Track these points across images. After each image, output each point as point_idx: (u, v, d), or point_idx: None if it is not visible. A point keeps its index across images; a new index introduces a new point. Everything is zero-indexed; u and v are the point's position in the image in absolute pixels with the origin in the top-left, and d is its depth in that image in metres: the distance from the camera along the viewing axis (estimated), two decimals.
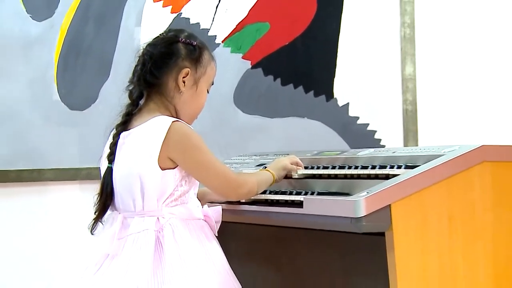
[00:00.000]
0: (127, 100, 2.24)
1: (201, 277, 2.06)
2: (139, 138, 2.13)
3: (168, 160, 2.09)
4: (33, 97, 3.43)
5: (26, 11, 3.42)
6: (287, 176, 2.33)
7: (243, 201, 2.26)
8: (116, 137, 2.18)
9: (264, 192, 2.26)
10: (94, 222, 2.18)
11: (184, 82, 2.21)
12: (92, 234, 2.19)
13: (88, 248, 2.17)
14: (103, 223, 2.19)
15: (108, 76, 3.38)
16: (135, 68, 2.26)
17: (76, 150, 3.39)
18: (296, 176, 2.33)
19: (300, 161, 2.40)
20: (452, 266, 1.94)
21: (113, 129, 2.21)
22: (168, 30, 2.33)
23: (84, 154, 3.37)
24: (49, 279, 2.22)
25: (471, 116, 3.14)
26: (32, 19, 3.42)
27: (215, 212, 2.23)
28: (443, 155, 1.99)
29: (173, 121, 2.10)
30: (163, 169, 2.08)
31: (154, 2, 3.37)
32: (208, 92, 2.31)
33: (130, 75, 2.28)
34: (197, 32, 3.25)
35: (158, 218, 2.10)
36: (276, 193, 2.26)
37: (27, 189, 3.47)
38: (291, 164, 2.36)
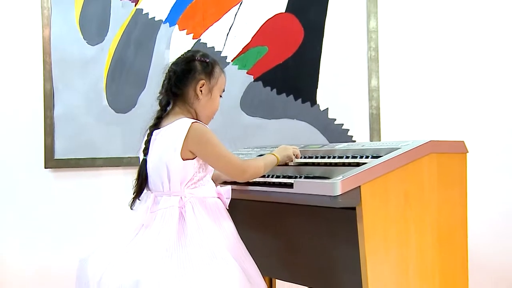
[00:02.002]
0: (157, 107, 2.22)
1: (214, 241, 2.04)
2: (167, 136, 2.11)
3: (188, 152, 2.07)
4: (88, 103, 3.45)
5: (83, 38, 3.46)
6: (285, 164, 2.31)
7: (250, 182, 2.23)
8: (149, 135, 2.17)
9: (263, 176, 2.24)
10: (133, 200, 2.17)
11: (201, 91, 2.19)
12: (131, 209, 2.18)
13: (128, 219, 2.15)
14: (140, 200, 2.18)
15: (144, 88, 3.38)
16: (163, 82, 2.24)
17: (120, 143, 3.40)
18: (291, 164, 2.30)
19: (299, 154, 2.38)
20: (407, 232, 1.93)
21: (147, 129, 2.19)
22: (187, 51, 2.31)
23: (126, 146, 3.38)
24: (100, 242, 2.19)
25: (421, 117, 3.12)
26: (88, 44, 3.45)
27: (226, 191, 2.21)
28: (400, 148, 1.98)
29: (192, 122, 2.08)
30: (184, 159, 2.07)
31: (179, 30, 3.36)
32: (221, 96, 2.28)
33: (160, 88, 2.27)
34: (211, 53, 3.22)
35: (181, 197, 2.10)
36: (272, 176, 2.25)
37: (83, 173, 3.47)
38: (294, 154, 2.34)
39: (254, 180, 2.22)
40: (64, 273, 3.13)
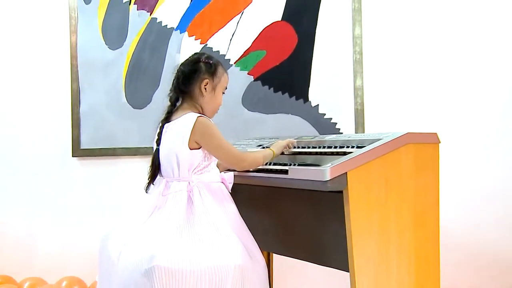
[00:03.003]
0: (167, 103, 2.22)
1: (219, 221, 2.04)
2: (176, 128, 2.11)
3: (195, 143, 2.07)
4: (109, 101, 3.44)
5: (105, 43, 3.44)
6: (282, 153, 2.31)
7: (251, 170, 2.22)
8: (161, 128, 2.16)
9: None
10: (148, 184, 2.17)
11: (205, 89, 2.18)
12: (146, 192, 2.17)
13: (143, 201, 2.15)
14: (154, 185, 2.17)
15: (158, 87, 3.36)
16: (172, 81, 2.24)
17: (137, 135, 3.38)
18: (286, 153, 2.29)
19: (295, 143, 2.37)
20: (387, 213, 1.93)
21: (159, 123, 2.19)
22: (194, 54, 2.29)
23: (142, 138, 3.36)
24: (119, 221, 2.19)
25: (400, 112, 3.11)
26: (109, 48, 3.44)
27: (229, 177, 2.21)
28: (381, 139, 1.98)
29: (198, 116, 2.07)
30: (191, 149, 2.06)
31: (189, 36, 3.35)
32: (224, 93, 2.27)
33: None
34: (216, 56, 3.22)
35: (189, 182, 2.09)
36: (270, 164, 2.23)
37: (105, 161, 3.46)
38: (287, 144, 2.32)
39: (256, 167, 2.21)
40: (88, 249, 3.13)
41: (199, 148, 2.08)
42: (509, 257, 2.93)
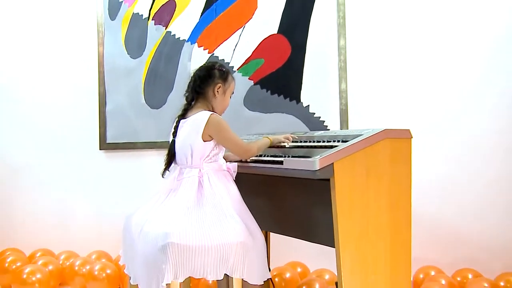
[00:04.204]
0: (183, 102, 2.21)
1: (224, 203, 2.04)
2: (191, 123, 2.10)
3: (208, 136, 2.07)
4: (130, 102, 3.44)
5: (127, 53, 3.45)
6: (280, 146, 2.28)
7: (249, 160, 2.22)
8: (177, 122, 2.16)
9: (261, 156, 2.22)
10: (164, 170, 2.17)
11: (218, 91, 2.18)
12: (163, 177, 2.17)
13: (160, 186, 2.15)
14: (169, 171, 2.17)
15: (172, 90, 3.35)
16: (189, 83, 2.22)
17: (154, 131, 3.38)
18: (287, 146, 2.26)
19: (291, 137, 2.31)
20: (367, 198, 1.92)
21: (176, 118, 2.18)
22: (208, 62, 2.30)
23: (158, 133, 3.35)
24: (140, 203, 2.19)
25: (378, 111, 3.10)
26: (130, 57, 3.45)
27: (233, 166, 2.21)
28: (362, 134, 1.96)
29: (211, 114, 2.07)
30: (204, 141, 2.06)
31: (198, 47, 3.33)
32: (230, 97, 2.27)
33: (185, 88, 2.24)
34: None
35: (200, 169, 2.09)
36: (267, 156, 2.22)
37: (127, 153, 3.48)
38: (284, 138, 2.29)
39: (254, 158, 2.20)
40: (113, 227, 3.12)
41: (210, 140, 2.08)
42: (461, 233, 2.94)
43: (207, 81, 2.17)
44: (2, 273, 3.18)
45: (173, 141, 2.15)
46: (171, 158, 2.16)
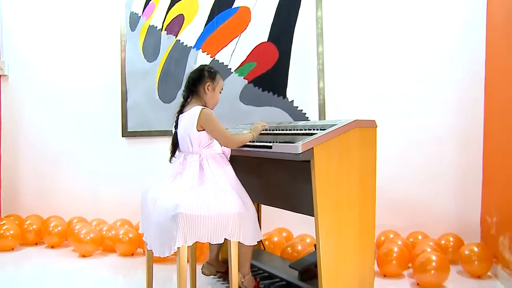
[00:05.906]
0: (181, 99, 2.14)
1: (222, 181, 1.98)
2: (187, 117, 2.03)
3: (200, 127, 1.99)
4: (146, 98, 3.38)
5: (144, 58, 3.39)
6: (266, 133, 2.20)
7: (243, 145, 2.12)
8: (177, 117, 2.09)
9: (253, 141, 2.15)
10: (170, 157, 2.11)
11: (208, 89, 2.10)
12: (170, 162, 2.11)
13: (169, 169, 2.10)
14: (175, 157, 2.11)
15: (181, 87, 3.22)
16: (185, 84, 2.14)
17: (166, 121, 3.32)
18: (270, 133, 2.19)
19: (266, 125, 2.25)
20: (341, 177, 1.87)
21: (176, 113, 2.11)
22: (199, 65, 2.21)
23: (170, 123, 3.15)
24: (154, 181, 2.15)
25: (350, 104, 3.04)
26: (147, 61, 3.39)
27: (227, 150, 2.13)
28: (337, 124, 1.90)
29: (202, 108, 2.00)
30: (199, 131, 1.99)
31: (202, 52, 3.26)
32: (220, 93, 2.17)
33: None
34: (221, 67, 3.16)
35: (199, 155, 2.02)
36: (258, 142, 2.14)
37: (144, 140, 3.45)
38: (261, 126, 2.22)
39: (248, 143, 2.12)
40: (133, 200, 3.07)
41: (203, 130, 2.01)
42: (414, 203, 2.92)
43: (199, 80, 2.09)
44: (47, 234, 3.27)
45: (175, 133, 2.09)
46: (175, 146, 2.10)
